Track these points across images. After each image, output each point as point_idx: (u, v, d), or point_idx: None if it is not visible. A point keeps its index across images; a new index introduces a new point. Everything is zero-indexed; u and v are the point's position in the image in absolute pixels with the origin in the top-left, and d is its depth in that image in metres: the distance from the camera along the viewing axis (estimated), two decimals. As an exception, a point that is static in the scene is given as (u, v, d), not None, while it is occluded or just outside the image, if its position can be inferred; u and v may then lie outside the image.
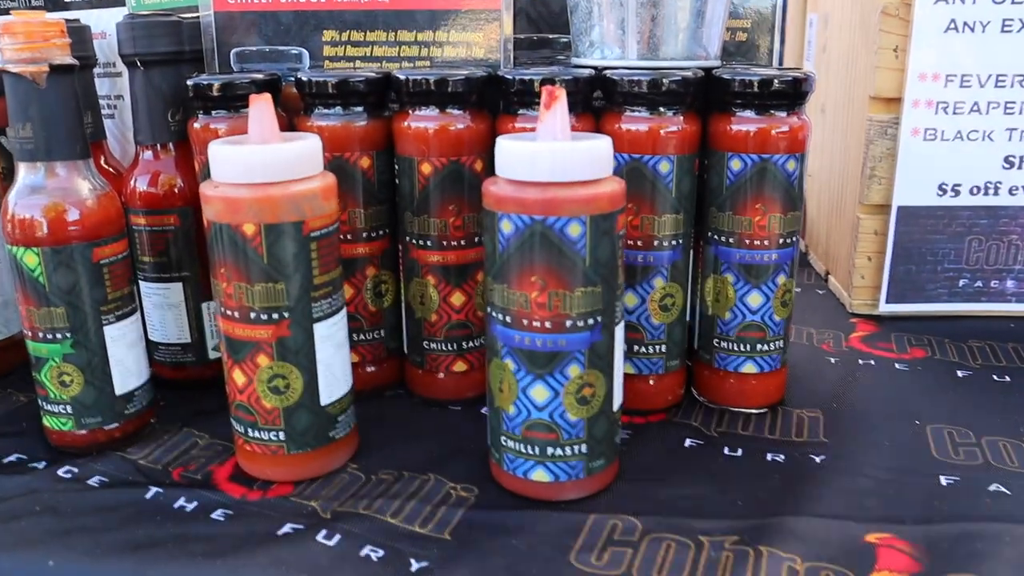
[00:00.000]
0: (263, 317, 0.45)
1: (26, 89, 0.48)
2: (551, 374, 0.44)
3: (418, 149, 0.52)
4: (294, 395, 0.47)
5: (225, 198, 0.44)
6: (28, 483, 0.49)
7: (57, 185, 0.49)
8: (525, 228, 0.42)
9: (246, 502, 0.47)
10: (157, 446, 0.53)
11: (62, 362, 0.50)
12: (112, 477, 0.50)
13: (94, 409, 0.51)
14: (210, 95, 0.53)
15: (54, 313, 0.49)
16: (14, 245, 0.49)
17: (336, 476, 0.49)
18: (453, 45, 0.55)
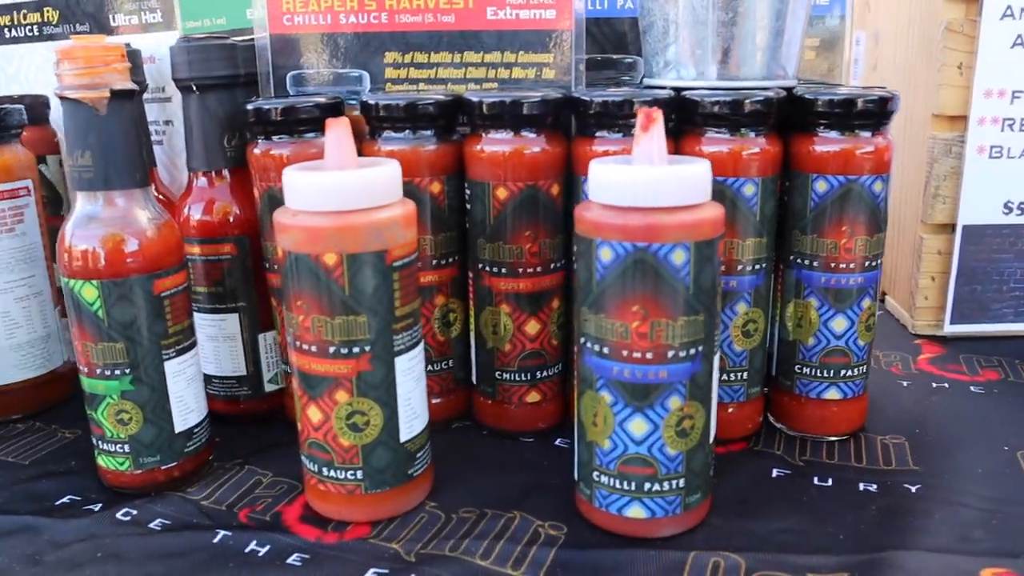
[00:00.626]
0: (343, 351, 0.43)
1: (86, 116, 0.46)
2: (651, 406, 0.42)
3: (493, 173, 0.50)
4: (373, 432, 0.44)
5: (305, 227, 0.42)
6: (86, 527, 0.46)
7: (116, 215, 0.47)
8: (627, 255, 0.40)
9: (322, 545, 0.44)
10: (219, 486, 0.50)
11: (120, 399, 0.48)
12: (174, 519, 0.47)
13: (153, 448, 0.49)
14: (272, 119, 0.51)
15: (113, 348, 0.47)
16: (71, 278, 0.47)
17: (415, 515, 0.47)
18: (522, 66, 0.53)
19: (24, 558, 0.44)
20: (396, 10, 0.54)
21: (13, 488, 0.51)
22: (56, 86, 0.46)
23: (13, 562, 0.44)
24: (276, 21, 0.55)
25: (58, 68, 0.46)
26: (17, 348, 0.59)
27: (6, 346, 0.59)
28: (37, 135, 0.62)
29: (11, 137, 0.58)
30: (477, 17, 0.53)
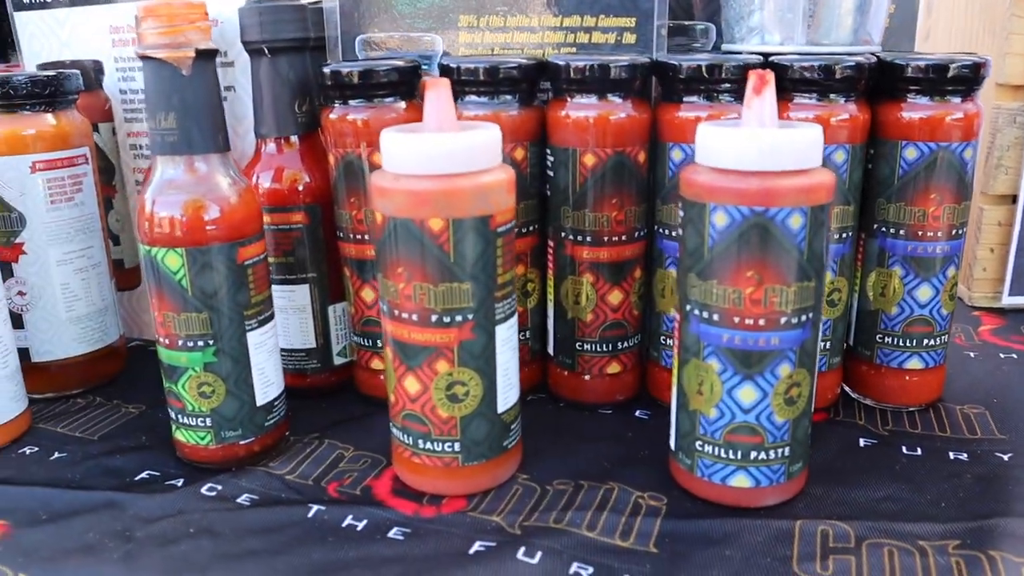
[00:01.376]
0: (445, 320, 0.42)
1: (170, 76, 0.44)
2: (760, 374, 0.41)
3: (579, 139, 0.49)
4: (473, 403, 0.43)
5: (409, 191, 0.41)
6: (172, 502, 0.45)
7: (198, 180, 0.45)
8: (743, 220, 0.39)
9: (420, 519, 0.43)
10: (301, 460, 0.49)
11: (203, 372, 0.46)
12: (262, 495, 0.46)
13: (235, 422, 0.48)
14: (350, 83, 0.49)
15: (196, 319, 0.46)
16: (153, 245, 0.45)
17: (509, 488, 0.46)
18: (602, 31, 0.52)
19: (114, 534, 0.43)
20: (469, -28, 0.52)
21: (87, 463, 0.50)
22: (138, 45, 0.44)
23: (104, 538, 0.43)
24: (346, -18, 0.54)
25: (140, 26, 0.44)
26: (76, 321, 0.58)
27: (65, 319, 0.57)
28: (89, 102, 0.60)
29: (68, 103, 0.56)
30: (557, -20, 0.51)
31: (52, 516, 0.45)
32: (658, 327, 0.53)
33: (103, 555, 0.41)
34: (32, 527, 0.44)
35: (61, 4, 0.61)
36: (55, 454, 0.51)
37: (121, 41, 0.60)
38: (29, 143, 0.54)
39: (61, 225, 0.56)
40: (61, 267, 0.56)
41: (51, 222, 0.55)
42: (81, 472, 0.49)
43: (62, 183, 0.56)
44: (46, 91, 0.54)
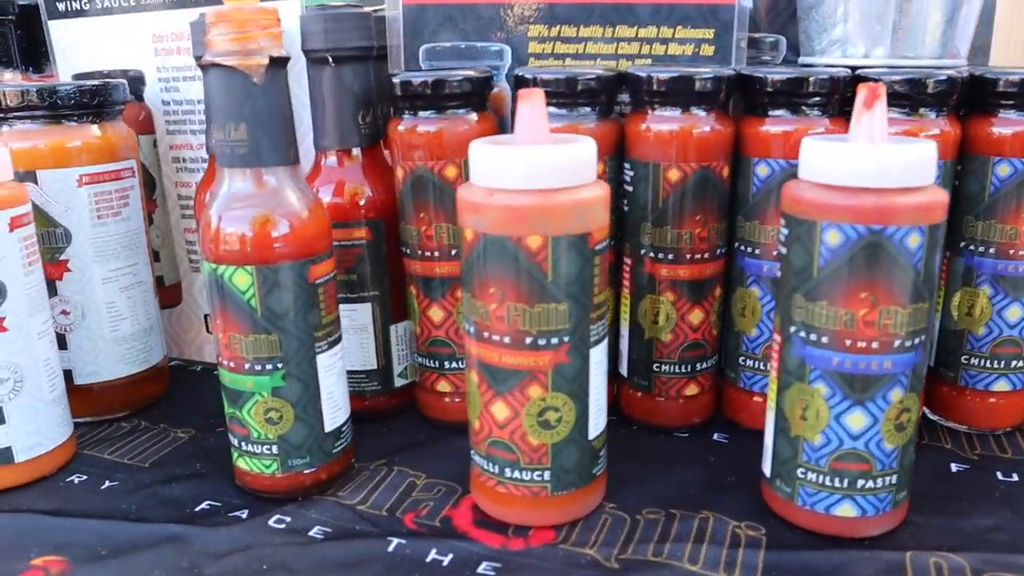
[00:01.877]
0: (540, 342, 0.40)
1: (242, 85, 0.42)
2: (872, 399, 0.39)
3: (663, 154, 0.47)
4: (565, 429, 0.41)
5: (506, 207, 0.38)
6: (239, 536, 0.43)
7: (268, 195, 0.43)
8: (858, 239, 0.37)
9: (509, 552, 0.41)
10: (371, 489, 0.47)
11: (271, 397, 0.44)
12: (335, 527, 0.43)
13: (303, 449, 0.45)
14: (421, 93, 0.47)
15: (266, 341, 0.43)
16: (219, 263, 0.43)
17: (596, 518, 0.44)
18: (679, 42, 0.50)
19: (182, 571, 0.40)
20: (542, -19, 0.50)
21: (142, 493, 0.47)
22: (206, 53, 0.42)
23: (173, 574, 0.40)
24: (411, -9, 0.52)
25: (209, 33, 0.42)
26: (121, 341, 0.55)
27: (111, 339, 0.54)
28: (129, 113, 0.57)
29: (115, 114, 0.54)
30: (633, -11, 0.50)
31: (112, 551, 0.42)
32: (736, 347, 0.51)
33: (174, 594, 0.39)
34: (91, 563, 0.41)
35: (99, 13, 0.58)
36: (105, 483, 0.48)
37: (165, 51, 0.57)
38: (75, 155, 0.52)
39: (107, 241, 0.53)
40: (107, 285, 0.54)
41: (97, 238, 0.53)
42: (137, 502, 0.46)
43: (109, 197, 0.53)
44: (93, 101, 0.52)
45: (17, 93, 0.51)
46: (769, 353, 0.49)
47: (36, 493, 0.48)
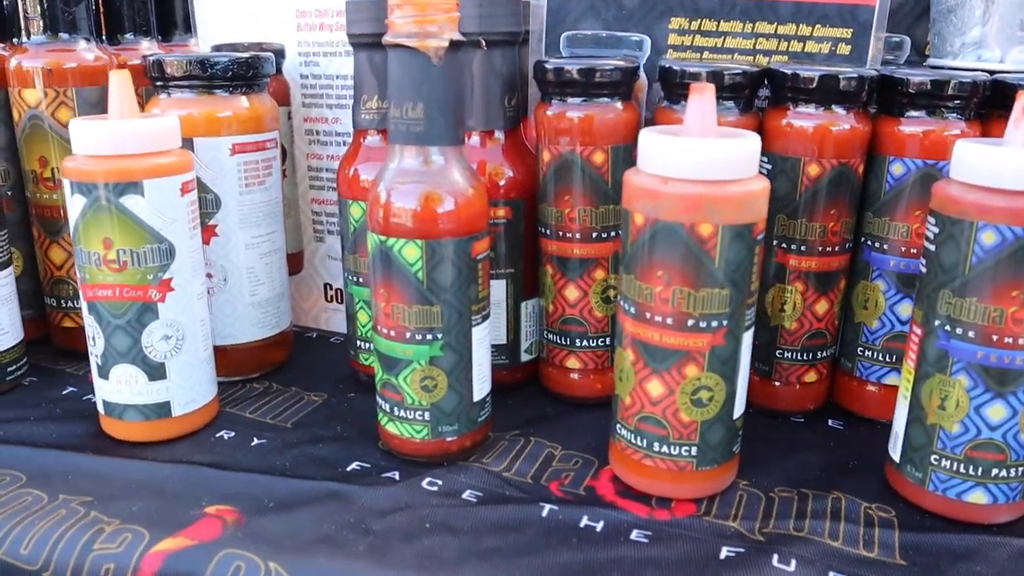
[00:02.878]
0: (702, 325, 0.42)
1: (422, 66, 0.44)
2: (1014, 392, 0.41)
3: (804, 149, 0.49)
4: (715, 408, 0.44)
5: (682, 195, 0.40)
6: (398, 495, 0.45)
7: (438, 172, 0.45)
8: (1015, 239, 0.39)
9: (657, 522, 0.44)
10: (512, 457, 0.49)
11: (428, 365, 0.46)
12: (485, 491, 0.46)
13: (452, 416, 0.48)
14: (573, 80, 0.49)
15: (429, 312, 0.45)
16: (390, 236, 0.45)
17: (732, 493, 0.46)
18: (816, 40, 0.52)
19: (350, 526, 0.43)
20: (689, -25, 0.52)
21: (292, 452, 0.50)
22: (387, 33, 0.44)
23: (342, 530, 0.42)
24: (557, -21, 0.53)
25: (392, 14, 0.44)
26: (258, 306, 0.57)
27: (249, 303, 0.57)
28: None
29: (263, 86, 0.56)
30: (777, -13, 0.51)
31: (278, 505, 0.44)
32: (855, 338, 0.53)
33: (348, 548, 0.41)
34: (262, 515, 0.44)
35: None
36: (254, 440, 0.51)
37: (308, 26, 0.59)
38: (226, 125, 0.54)
39: (252, 209, 0.56)
40: (249, 251, 0.56)
41: (243, 205, 0.55)
42: (290, 460, 0.49)
43: (256, 166, 0.55)
44: (248, 73, 0.54)
45: (182, 63, 0.53)
46: (893, 345, 0.51)
47: (191, 446, 0.50)
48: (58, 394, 0.57)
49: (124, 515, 0.44)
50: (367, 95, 0.53)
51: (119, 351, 0.49)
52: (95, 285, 0.48)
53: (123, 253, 0.48)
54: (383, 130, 0.54)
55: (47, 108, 0.57)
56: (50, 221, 0.60)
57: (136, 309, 0.48)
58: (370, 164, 0.54)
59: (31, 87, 0.57)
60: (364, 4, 0.52)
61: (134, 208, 0.47)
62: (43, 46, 0.58)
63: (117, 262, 0.48)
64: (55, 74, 0.57)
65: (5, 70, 0.58)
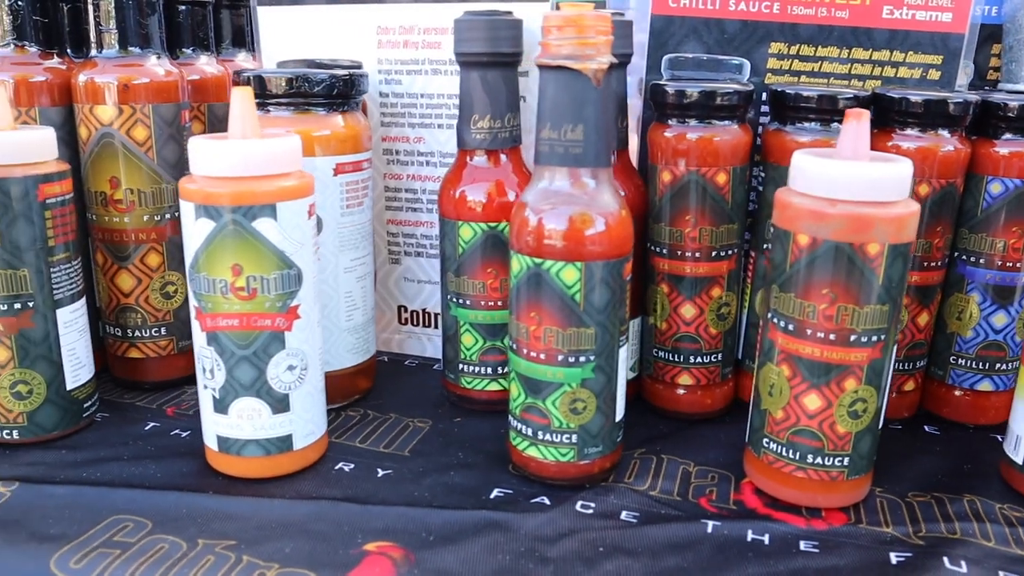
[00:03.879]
0: (863, 340, 0.43)
1: (583, 88, 0.44)
2: None
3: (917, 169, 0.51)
4: (867, 419, 0.45)
5: (854, 216, 0.42)
6: (557, 521, 0.45)
7: (591, 194, 0.45)
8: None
9: (819, 532, 0.45)
10: (651, 475, 0.49)
11: (579, 387, 0.46)
12: (640, 512, 0.46)
13: (597, 438, 0.47)
14: (695, 103, 0.50)
15: (583, 334, 0.45)
16: (546, 259, 0.44)
17: (872, 501, 0.48)
18: (908, 66, 0.55)
19: (524, 555, 0.42)
20: (790, 1, 0.54)
21: (426, 481, 0.48)
22: (543, 54, 0.44)
23: (519, 559, 0.42)
24: (661, 1, 0.54)
25: (549, 36, 0.44)
26: (353, 331, 0.55)
27: (345, 328, 0.55)
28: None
29: (357, 105, 0.54)
30: (872, 14, 0.54)
31: (439, 538, 0.43)
32: (947, 347, 0.56)
33: (533, 576, 0.40)
34: (429, 549, 0.42)
35: (320, 1, 0.58)
36: (378, 471, 0.49)
37: (390, 43, 0.58)
38: (327, 144, 0.52)
39: (352, 231, 0.54)
40: (347, 274, 0.54)
41: (343, 227, 0.53)
42: (428, 491, 0.47)
43: (356, 187, 0.54)
44: (349, 90, 0.52)
45: (284, 80, 0.50)
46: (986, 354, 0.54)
47: (316, 480, 0.48)
48: (140, 430, 0.54)
49: (281, 558, 0.41)
50: (478, 114, 0.52)
51: (242, 384, 0.46)
52: (218, 314, 0.46)
53: (253, 280, 0.45)
54: (491, 150, 0.53)
55: (121, 126, 0.54)
56: (118, 246, 0.56)
57: (263, 339, 0.46)
58: (477, 185, 0.53)
59: (103, 103, 0.54)
60: (477, 23, 0.51)
61: (266, 232, 0.45)
62: (113, 60, 0.54)
63: (246, 289, 0.45)
64: (131, 90, 0.54)
65: (73, 86, 0.54)
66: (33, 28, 0.55)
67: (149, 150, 0.55)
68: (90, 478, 0.48)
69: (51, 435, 0.52)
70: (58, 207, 0.50)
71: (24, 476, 0.48)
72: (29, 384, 0.51)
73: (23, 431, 0.51)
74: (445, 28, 0.56)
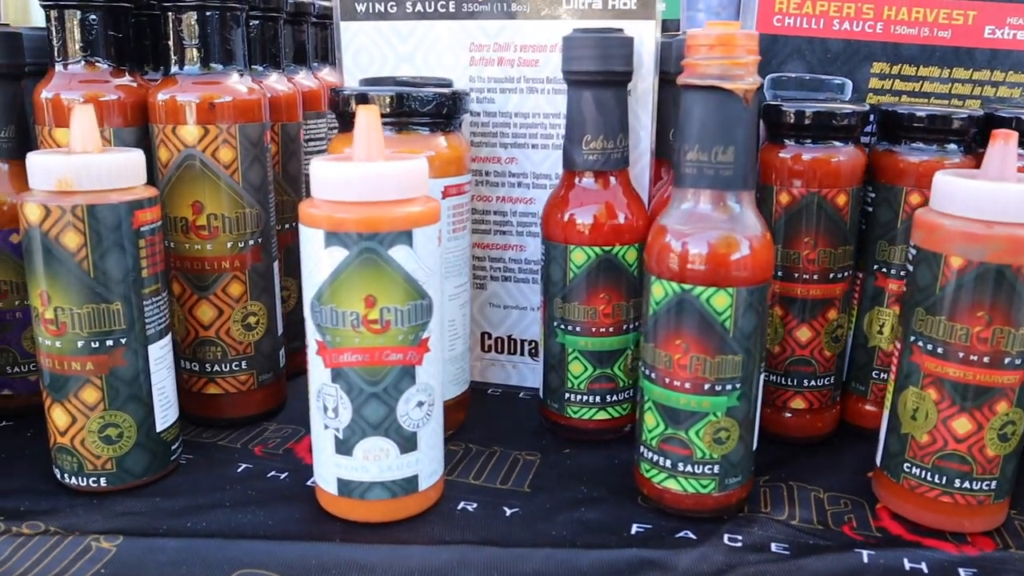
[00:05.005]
0: (1017, 362, 0.43)
1: (735, 109, 0.42)
2: None
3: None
4: (1015, 441, 0.44)
5: (1012, 238, 0.41)
6: (710, 556, 0.43)
7: (735, 217, 0.44)
8: None
9: (971, 558, 0.44)
10: (786, 504, 0.48)
11: (723, 416, 0.44)
12: (790, 543, 0.44)
13: (738, 468, 0.46)
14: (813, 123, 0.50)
15: (731, 361, 0.44)
16: (693, 284, 0.43)
17: (1011, 523, 0.47)
18: (1008, 85, 0.55)
19: (692, 594, 0.40)
20: (893, 21, 0.54)
21: (558, 519, 0.46)
22: (690, 74, 0.42)
23: (690, 599, 0.40)
24: (765, 20, 0.54)
25: (697, 55, 0.42)
26: (453, 361, 0.53)
27: (448, 358, 0.52)
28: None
29: (458, 125, 0.52)
30: (974, 35, 0.54)
31: (596, 579, 0.41)
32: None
33: (710, 618, 0.39)
34: (589, 592, 0.40)
35: (406, 17, 0.56)
36: (505, 510, 0.47)
37: (483, 60, 0.56)
38: (435, 167, 0.49)
39: (456, 256, 0.51)
40: (451, 302, 0.52)
41: (448, 253, 0.51)
42: (564, 529, 0.45)
43: (461, 210, 0.51)
44: (455, 110, 0.50)
45: (389, 98, 0.48)
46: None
47: (442, 523, 0.45)
48: (233, 473, 0.50)
49: (440, 610, 0.39)
50: (590, 135, 0.50)
51: (370, 423, 0.43)
52: (345, 349, 0.43)
53: (387, 312, 0.42)
54: (600, 172, 0.51)
55: (206, 147, 0.50)
56: (199, 275, 0.52)
57: (395, 374, 0.43)
58: (587, 207, 0.51)
59: (185, 123, 0.50)
60: (589, 40, 0.50)
61: (402, 261, 0.42)
62: (194, 78, 0.51)
63: (379, 322, 0.42)
64: (217, 109, 0.50)
65: (151, 105, 0.51)
66: (106, 43, 0.51)
67: (234, 172, 0.51)
68: (197, 529, 0.44)
69: (140, 481, 0.48)
70: (150, 235, 0.47)
71: (124, 529, 0.44)
72: (119, 427, 0.47)
73: (111, 478, 0.47)
74: (543, 45, 0.54)
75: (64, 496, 0.47)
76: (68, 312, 0.45)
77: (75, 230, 0.44)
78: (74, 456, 0.47)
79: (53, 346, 0.46)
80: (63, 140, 0.51)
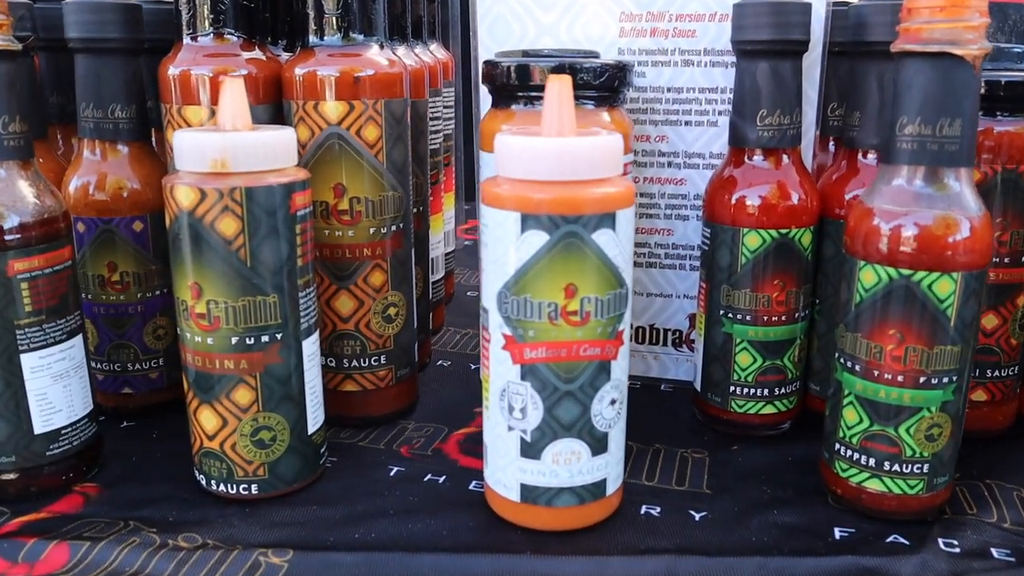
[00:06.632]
0: None
1: (965, 77, 0.39)
2: None
3: None
4: None
5: None
6: (934, 564, 0.40)
7: (956, 196, 0.40)
8: None
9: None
10: (992, 505, 0.45)
11: (938, 412, 0.41)
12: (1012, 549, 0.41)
13: (946, 466, 0.42)
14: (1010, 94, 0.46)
15: (950, 353, 0.40)
16: (915, 269, 0.39)
17: None
18: None
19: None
20: (1074, -14, 0.50)
21: (751, 523, 0.43)
22: (909, 39, 0.39)
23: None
24: (940, -13, 0.50)
25: (921, 17, 0.39)
26: (617, 355, 0.49)
27: (612, 352, 0.48)
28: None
29: (623, 100, 0.48)
30: None
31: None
32: None
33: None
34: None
35: (549, -16, 0.52)
36: (693, 514, 0.43)
37: (634, 31, 0.52)
38: (601, 144, 0.46)
39: (622, 242, 0.47)
40: (615, 291, 0.48)
41: (614, 238, 0.47)
42: (764, 534, 0.42)
43: (627, 192, 0.47)
44: (623, 83, 0.46)
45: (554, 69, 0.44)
46: None
47: (633, 529, 0.42)
48: (385, 476, 0.46)
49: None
50: (766, 109, 0.47)
51: (563, 423, 0.40)
52: (540, 343, 0.39)
53: (587, 302, 0.39)
54: (771, 149, 0.48)
55: (351, 124, 0.46)
56: (340, 263, 0.48)
57: (591, 370, 0.39)
58: (760, 187, 0.48)
59: (327, 100, 0.46)
60: (765, 6, 0.46)
61: (605, 246, 0.38)
62: (331, 50, 0.47)
63: (579, 314, 0.39)
64: (363, 83, 0.46)
65: (287, 80, 0.47)
66: (236, 14, 0.47)
67: (379, 152, 0.47)
68: (368, 540, 0.41)
69: (291, 488, 0.44)
70: (304, 221, 0.43)
71: (290, 541, 0.40)
72: (272, 430, 0.43)
73: (263, 485, 0.43)
74: (702, 15, 0.51)
75: (212, 505, 0.43)
76: (222, 306, 0.41)
77: (233, 215, 0.40)
78: (223, 461, 0.43)
79: (204, 343, 0.42)
80: (193, 119, 0.47)
